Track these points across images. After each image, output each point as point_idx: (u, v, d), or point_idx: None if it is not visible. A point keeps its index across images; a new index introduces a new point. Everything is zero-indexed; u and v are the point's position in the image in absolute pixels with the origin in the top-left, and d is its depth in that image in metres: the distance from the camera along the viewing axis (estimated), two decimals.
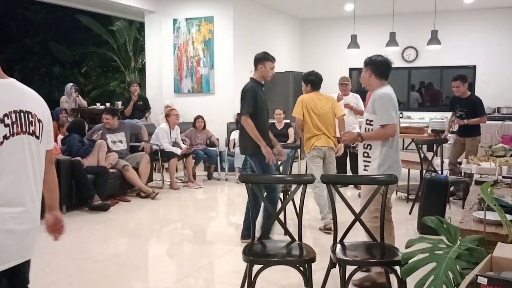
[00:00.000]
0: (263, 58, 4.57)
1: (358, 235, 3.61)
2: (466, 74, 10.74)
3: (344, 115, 5.37)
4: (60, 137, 6.64)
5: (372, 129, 3.55)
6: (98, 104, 10.07)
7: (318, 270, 3.27)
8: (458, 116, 6.53)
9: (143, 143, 7.03)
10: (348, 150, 7.26)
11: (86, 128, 6.62)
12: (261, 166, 4.46)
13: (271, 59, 4.59)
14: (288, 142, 7.66)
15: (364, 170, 3.61)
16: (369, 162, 3.55)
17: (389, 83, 3.70)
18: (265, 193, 4.32)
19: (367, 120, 3.61)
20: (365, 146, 3.58)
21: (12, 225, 1.94)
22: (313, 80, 5.15)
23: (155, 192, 6.57)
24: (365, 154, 3.59)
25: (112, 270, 4.07)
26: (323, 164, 5.04)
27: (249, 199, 3.23)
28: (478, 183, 3.56)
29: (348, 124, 7.15)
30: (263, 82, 4.66)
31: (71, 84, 9.39)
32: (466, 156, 6.08)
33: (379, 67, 3.60)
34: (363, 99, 7.43)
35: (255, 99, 4.44)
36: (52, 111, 7.73)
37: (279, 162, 7.06)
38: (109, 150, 6.55)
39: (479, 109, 6.41)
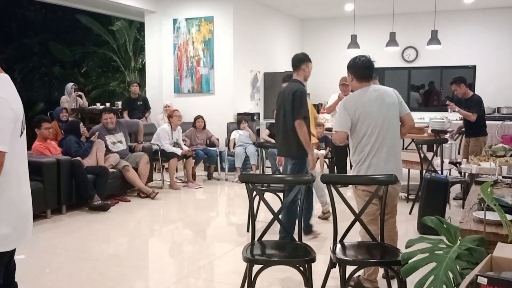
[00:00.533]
0: (306, 59, 4.48)
1: (358, 235, 3.60)
2: (466, 74, 10.78)
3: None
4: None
5: None
6: (98, 104, 10.06)
7: (318, 270, 3.27)
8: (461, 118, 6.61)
9: (135, 144, 7.00)
10: (348, 149, 7.25)
11: (82, 129, 6.59)
12: (302, 170, 4.41)
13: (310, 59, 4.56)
14: None
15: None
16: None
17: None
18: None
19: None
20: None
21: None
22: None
23: (155, 192, 6.57)
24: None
25: (112, 270, 4.07)
26: None
27: (249, 198, 3.22)
28: (478, 183, 3.56)
29: None
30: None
31: (72, 83, 9.38)
32: (468, 156, 6.09)
33: (358, 70, 3.58)
34: None
35: (306, 103, 4.37)
36: (52, 111, 7.77)
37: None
38: (109, 151, 6.53)
39: (474, 106, 6.44)
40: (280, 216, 3.25)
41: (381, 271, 3.55)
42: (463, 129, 6.90)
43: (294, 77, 4.50)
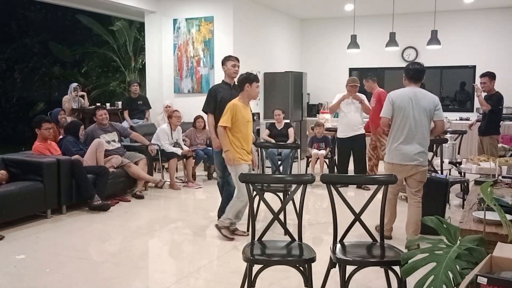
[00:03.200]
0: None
1: (358, 236, 3.60)
2: (466, 74, 10.79)
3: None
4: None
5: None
6: (98, 104, 10.05)
7: (318, 270, 3.27)
8: (481, 113, 6.70)
9: (150, 147, 6.98)
10: (352, 151, 7.26)
11: (81, 132, 6.58)
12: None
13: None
14: (288, 142, 7.66)
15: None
16: None
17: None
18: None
19: None
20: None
21: None
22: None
23: (162, 181, 6.57)
24: None
25: (112, 270, 4.08)
26: None
27: (249, 198, 3.23)
28: (478, 183, 3.56)
29: (354, 124, 7.16)
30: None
31: (76, 84, 9.38)
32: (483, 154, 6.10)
33: (409, 72, 4.54)
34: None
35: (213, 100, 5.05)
36: (51, 111, 7.76)
37: (279, 162, 7.09)
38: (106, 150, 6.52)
39: (492, 100, 6.55)
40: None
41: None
42: (478, 121, 6.99)
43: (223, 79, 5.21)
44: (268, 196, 4.30)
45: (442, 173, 5.70)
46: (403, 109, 4.32)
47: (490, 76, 6.61)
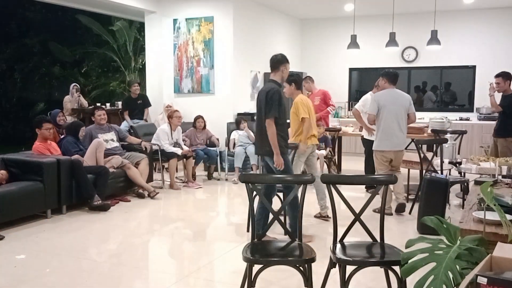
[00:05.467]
0: (285, 60, 4.62)
1: (357, 236, 3.60)
2: (466, 74, 10.80)
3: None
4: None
5: None
6: (98, 104, 10.06)
7: (318, 270, 3.27)
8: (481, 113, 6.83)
9: (143, 143, 7.04)
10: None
11: (81, 133, 6.58)
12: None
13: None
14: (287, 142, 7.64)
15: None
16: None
17: None
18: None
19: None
20: None
21: None
22: (296, 80, 5.30)
23: (155, 191, 6.58)
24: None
25: (112, 270, 4.08)
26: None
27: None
28: (478, 183, 3.56)
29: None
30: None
31: (74, 84, 9.41)
32: (499, 157, 6.01)
33: (391, 77, 5.74)
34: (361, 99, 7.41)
35: (278, 103, 4.44)
36: (50, 112, 7.76)
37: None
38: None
39: (506, 101, 6.50)
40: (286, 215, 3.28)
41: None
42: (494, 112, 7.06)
43: (271, 77, 4.67)
44: None
45: (442, 173, 5.70)
46: (386, 106, 5.53)
47: (504, 76, 6.49)
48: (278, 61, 4.59)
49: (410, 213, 5.70)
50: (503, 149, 6.39)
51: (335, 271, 2.96)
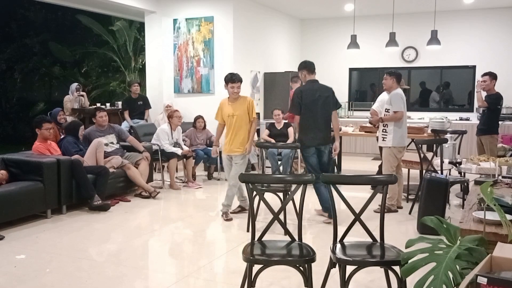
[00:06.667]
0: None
1: (357, 236, 3.60)
2: (466, 74, 10.80)
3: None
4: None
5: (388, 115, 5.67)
6: (98, 104, 10.06)
7: (318, 270, 3.27)
8: (480, 113, 6.78)
9: (144, 153, 6.93)
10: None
11: (80, 132, 6.57)
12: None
13: None
14: (288, 142, 7.65)
15: (383, 140, 5.74)
16: (386, 135, 5.69)
17: None
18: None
19: (386, 109, 5.74)
20: (384, 125, 5.73)
21: None
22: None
23: (156, 191, 6.58)
24: (384, 130, 5.73)
25: (112, 270, 4.08)
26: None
27: (249, 198, 3.22)
28: (478, 183, 3.56)
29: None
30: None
31: (76, 83, 9.39)
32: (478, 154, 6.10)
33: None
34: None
35: None
36: (50, 111, 7.76)
37: (279, 162, 7.09)
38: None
39: (491, 99, 6.63)
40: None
41: None
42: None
43: (315, 78, 5.74)
44: (268, 196, 4.31)
45: (442, 173, 5.70)
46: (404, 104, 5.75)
47: (491, 75, 6.71)
48: (313, 66, 5.84)
49: (410, 213, 5.70)
50: (490, 146, 6.45)
51: (335, 271, 2.96)
